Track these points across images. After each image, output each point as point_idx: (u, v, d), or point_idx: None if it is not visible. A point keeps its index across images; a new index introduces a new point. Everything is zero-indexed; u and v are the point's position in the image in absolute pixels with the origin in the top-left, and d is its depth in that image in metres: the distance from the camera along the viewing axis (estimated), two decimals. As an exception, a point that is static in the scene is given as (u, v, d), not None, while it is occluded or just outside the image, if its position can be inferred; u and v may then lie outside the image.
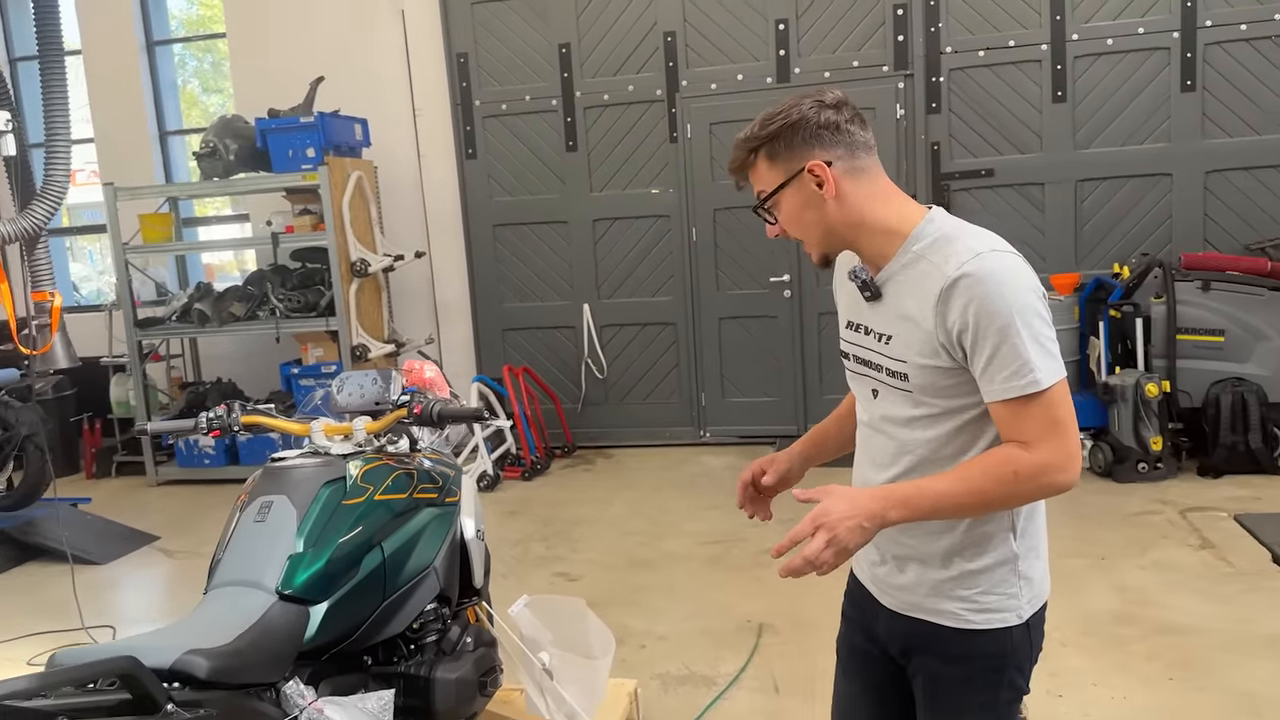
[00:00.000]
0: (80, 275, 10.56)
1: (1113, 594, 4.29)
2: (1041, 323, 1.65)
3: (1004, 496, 1.67)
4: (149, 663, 1.82)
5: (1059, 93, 6.52)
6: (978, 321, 1.62)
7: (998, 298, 1.61)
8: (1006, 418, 1.65)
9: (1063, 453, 1.63)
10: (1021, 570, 1.78)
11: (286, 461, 2.57)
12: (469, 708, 2.60)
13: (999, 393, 1.64)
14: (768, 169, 1.76)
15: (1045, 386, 1.62)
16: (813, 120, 1.72)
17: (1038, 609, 1.83)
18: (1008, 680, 1.81)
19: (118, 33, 8.06)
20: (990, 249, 1.67)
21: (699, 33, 6.99)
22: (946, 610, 1.79)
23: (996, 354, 1.62)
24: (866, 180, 1.75)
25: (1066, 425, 1.64)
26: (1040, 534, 1.84)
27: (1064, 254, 6.64)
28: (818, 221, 1.75)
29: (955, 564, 1.77)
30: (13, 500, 5.86)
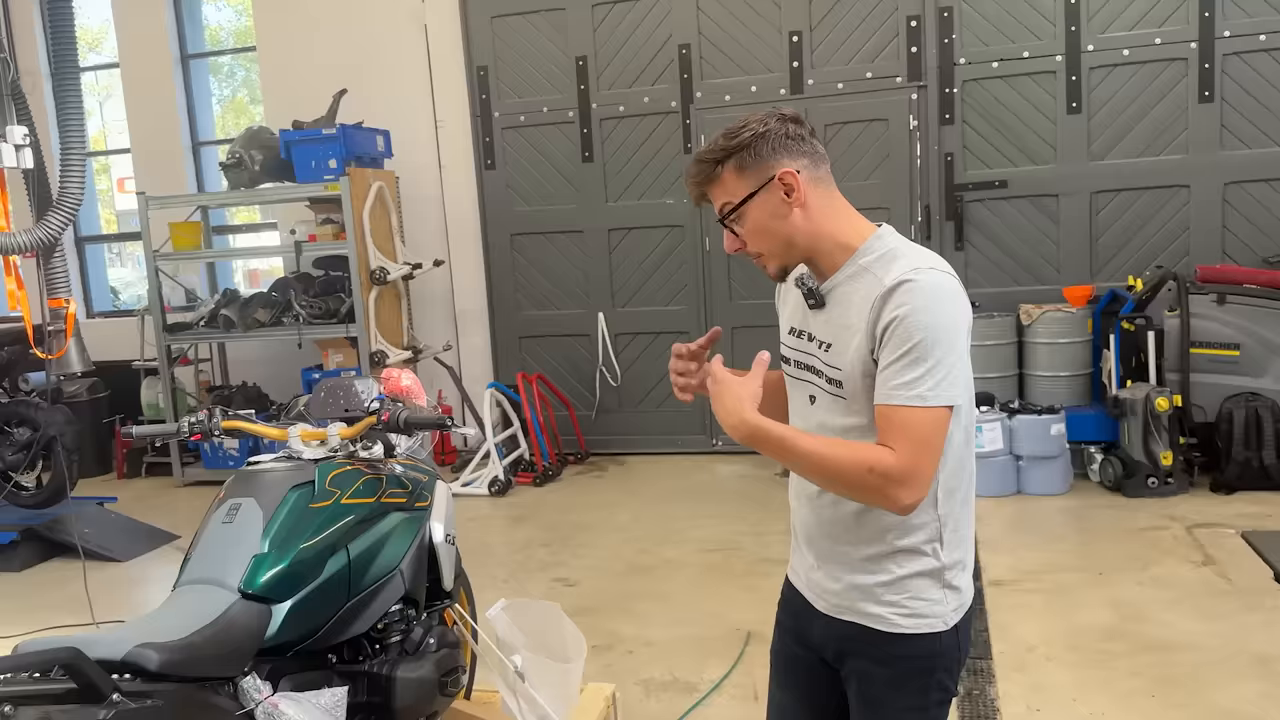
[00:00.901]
0: (125, 280, 10.83)
1: (1106, 609, 4.27)
2: (955, 352, 1.69)
3: (850, 484, 1.71)
4: (100, 655, 1.92)
5: (1074, 104, 6.49)
6: (899, 325, 1.67)
7: (926, 311, 1.67)
8: (884, 419, 1.70)
9: (915, 471, 1.67)
10: (948, 580, 1.84)
11: (259, 465, 2.67)
12: (429, 706, 2.67)
13: (886, 395, 1.69)
14: (736, 180, 1.79)
15: (929, 405, 1.66)
16: (779, 131, 1.78)
17: (964, 615, 1.88)
18: (936, 682, 1.86)
19: (153, 47, 8.32)
20: (931, 267, 1.73)
21: (714, 45, 7.06)
22: (876, 614, 1.85)
23: (901, 359, 1.67)
24: (826, 192, 1.82)
25: (930, 449, 1.68)
26: (967, 547, 1.88)
27: (1078, 266, 6.60)
28: (781, 231, 1.80)
29: (885, 570, 1.83)
30: (40, 498, 6.07)
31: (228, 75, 11.47)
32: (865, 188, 6.84)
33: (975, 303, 6.45)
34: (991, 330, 6.41)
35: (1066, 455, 5.92)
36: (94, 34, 9.84)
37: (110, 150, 9.80)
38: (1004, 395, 6.21)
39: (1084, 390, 6.33)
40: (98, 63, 9.59)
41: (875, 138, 6.83)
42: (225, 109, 11.12)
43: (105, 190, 10.46)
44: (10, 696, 1.69)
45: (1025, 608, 4.34)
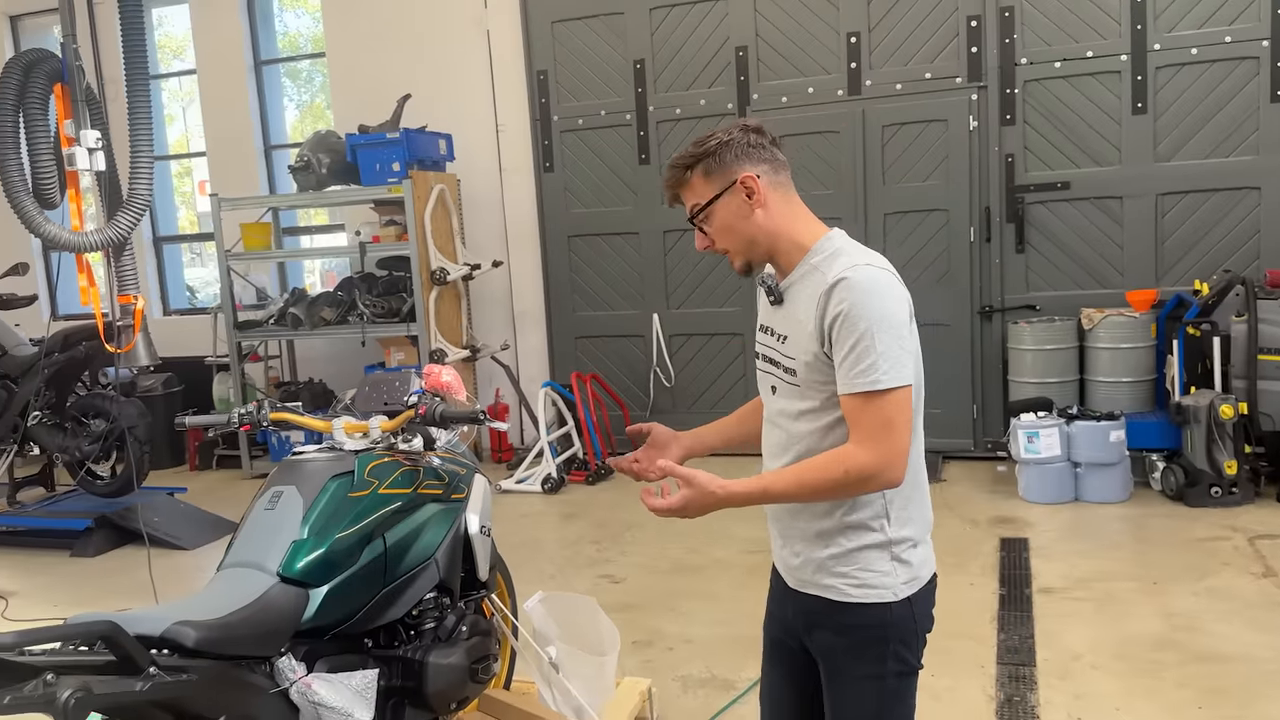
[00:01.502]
0: (204, 280, 11.19)
1: (1158, 619, 4.18)
2: (896, 334, 1.85)
3: (836, 490, 1.89)
4: (140, 630, 2.03)
5: (1139, 104, 6.34)
6: (844, 320, 1.84)
7: (863, 304, 1.83)
8: (849, 410, 1.88)
9: (888, 455, 1.84)
10: (896, 553, 1.98)
11: (302, 455, 2.78)
12: (460, 692, 2.75)
13: (847, 385, 1.86)
14: (703, 183, 1.98)
15: (885, 387, 1.83)
16: (741, 140, 1.97)
17: (918, 590, 2.01)
18: (892, 652, 1.98)
19: (228, 53, 8.61)
20: (867, 263, 1.90)
21: (771, 47, 7.06)
22: (830, 585, 2.00)
23: (852, 351, 1.84)
24: (785, 195, 2.00)
25: (896, 428, 1.85)
26: (916, 523, 2.02)
27: (1143, 270, 6.45)
28: (745, 230, 1.98)
29: (836, 543, 1.99)
30: (113, 487, 6.35)
31: (306, 81, 11.78)
32: (924, 189, 6.78)
33: (1035, 306, 6.42)
34: (1052, 335, 6.31)
35: (1126, 463, 5.79)
36: (178, 42, 10.20)
37: (191, 154, 10.16)
38: (1063, 401, 6.10)
39: (1146, 397, 6.19)
40: (181, 69, 9.96)
41: (934, 139, 6.77)
42: (303, 114, 11.42)
43: (188, 193, 10.84)
44: (53, 665, 1.79)
45: (1074, 615, 4.27)
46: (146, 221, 9.17)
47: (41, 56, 4.15)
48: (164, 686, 1.98)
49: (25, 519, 6.37)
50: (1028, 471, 5.88)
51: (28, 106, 4.06)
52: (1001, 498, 6.00)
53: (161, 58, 9.99)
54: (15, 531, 6.26)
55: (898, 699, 2.02)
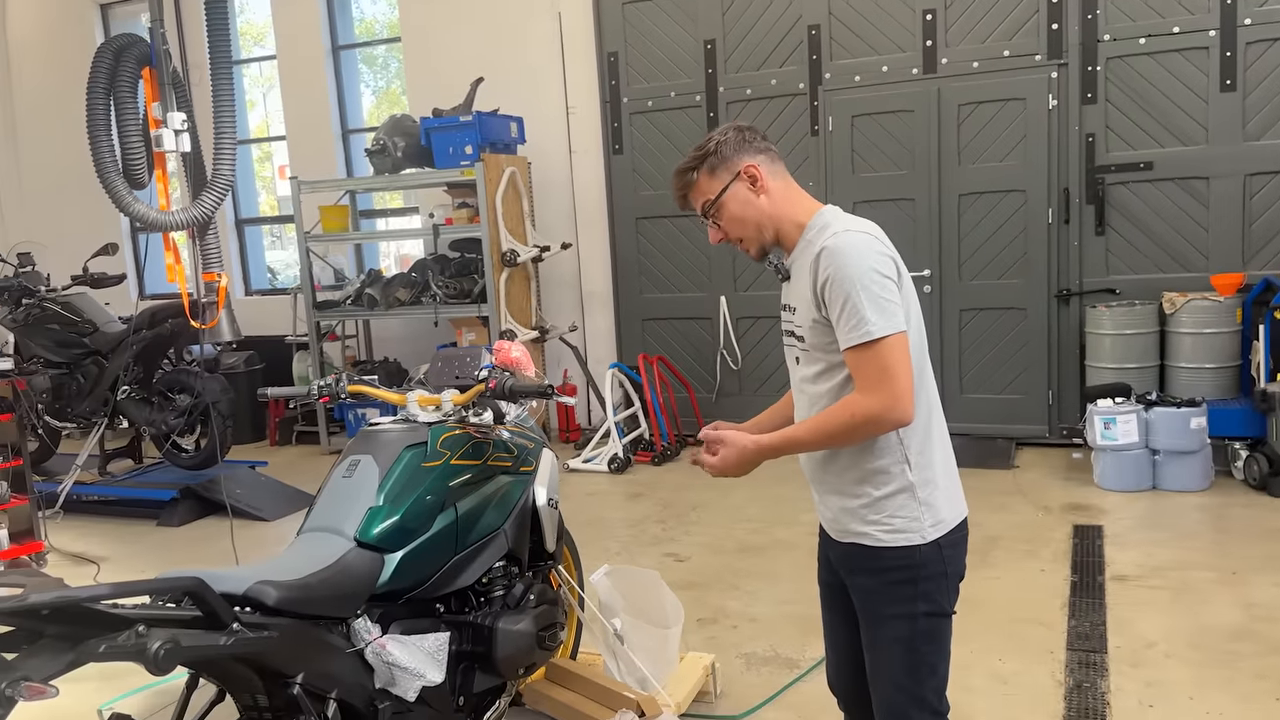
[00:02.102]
0: (285, 262, 11.46)
1: (1236, 609, 4.07)
2: (880, 287, 2.01)
3: (847, 434, 2.05)
4: (224, 588, 2.12)
5: (1228, 81, 6.13)
6: (831, 284, 2.03)
7: (844, 266, 2.01)
8: (850, 363, 2.05)
9: (891, 396, 1.99)
10: (921, 497, 2.12)
11: (378, 426, 2.87)
12: (528, 658, 2.82)
13: (845, 341, 2.03)
14: (709, 180, 2.20)
15: (876, 337, 1.98)
16: (736, 138, 2.21)
17: (946, 532, 2.14)
18: (921, 593, 2.12)
19: (306, 39, 8.81)
20: (845, 229, 2.08)
21: (844, 25, 6.98)
22: (863, 532, 2.15)
23: (843, 310, 2.01)
24: (784, 182, 2.21)
25: (895, 372, 1.99)
26: (937, 467, 2.16)
27: (1229, 252, 6.24)
28: (753, 216, 2.19)
29: (863, 492, 2.14)
30: (197, 460, 6.59)
31: (381, 67, 11.96)
32: (1001, 169, 6.65)
33: (1115, 290, 6.26)
34: (1132, 319, 6.15)
35: (1207, 450, 5.64)
36: (258, 28, 10.46)
37: (272, 137, 10.42)
38: (1142, 387, 5.95)
39: (1230, 383, 6.00)
40: (261, 55, 10.21)
41: (1012, 118, 6.63)
42: (379, 99, 11.61)
43: (268, 178, 11.12)
44: (144, 618, 1.89)
45: (1148, 604, 4.18)
46: (229, 205, 9.45)
47: (131, 41, 4.30)
48: (246, 642, 2.08)
49: (115, 489, 6.65)
50: (1104, 458, 5.76)
51: (118, 90, 4.21)
52: (1076, 485, 5.88)
53: (243, 44, 10.25)
54: (106, 501, 6.54)
55: (928, 639, 2.14)
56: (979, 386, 6.91)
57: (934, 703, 2.18)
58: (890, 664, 2.16)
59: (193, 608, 2.02)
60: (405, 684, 2.43)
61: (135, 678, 3.58)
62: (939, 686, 2.19)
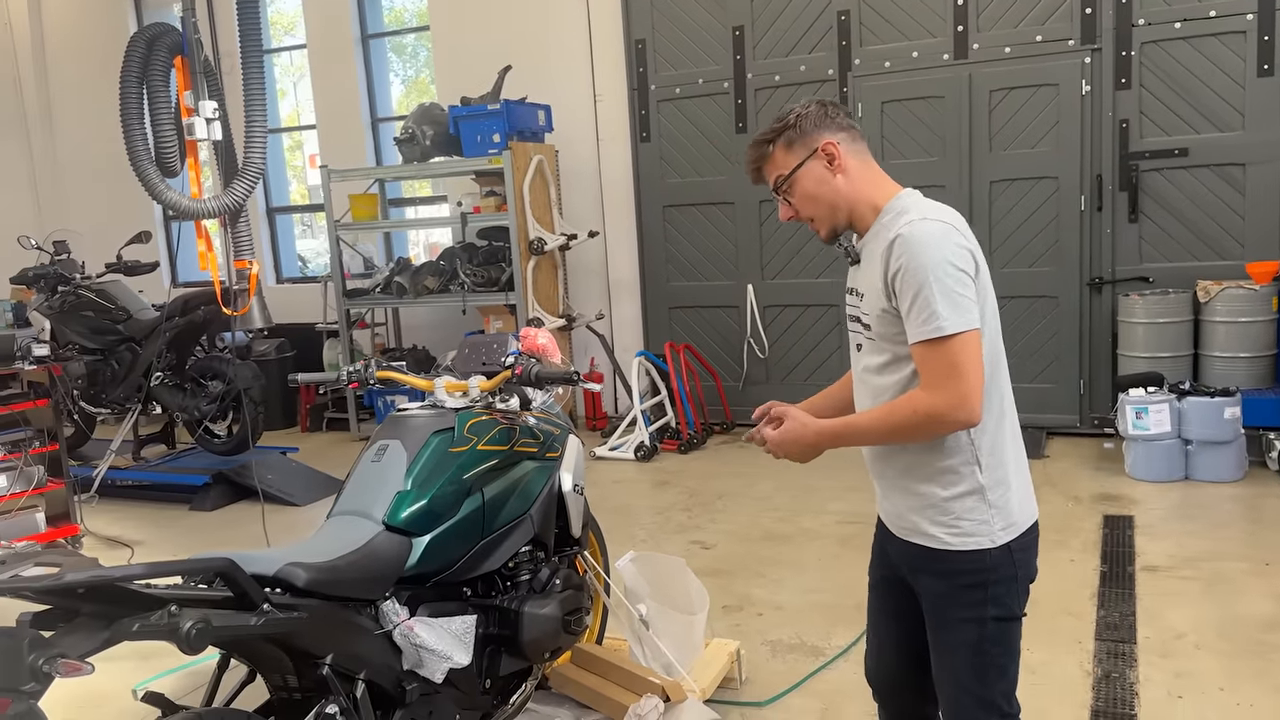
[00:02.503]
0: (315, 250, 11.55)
1: (1268, 600, 4.03)
2: (955, 281, 1.91)
3: (910, 430, 1.98)
4: (255, 570, 2.15)
5: (1265, 66, 6.02)
6: (903, 275, 1.93)
7: (918, 256, 1.92)
8: (918, 358, 1.96)
9: (957, 395, 1.90)
10: (991, 500, 2.04)
11: (406, 411, 2.89)
12: (553, 642, 2.84)
13: (914, 335, 1.94)
14: (785, 154, 2.10)
15: (949, 333, 1.90)
16: (819, 112, 2.10)
17: (1017, 535, 2.06)
18: (991, 597, 2.05)
19: (336, 28, 8.86)
20: (923, 217, 1.97)
21: (874, 10, 6.92)
22: (930, 533, 2.08)
23: (915, 303, 1.92)
24: (863, 161, 2.10)
25: (964, 370, 1.91)
26: (1009, 467, 2.08)
27: (1266, 240, 6.14)
28: (827, 196, 2.08)
29: (930, 492, 2.06)
30: (229, 446, 6.67)
31: (411, 55, 12.01)
32: (1033, 156, 6.58)
33: (1149, 278, 6.18)
34: (1165, 307, 6.08)
35: (1241, 441, 5.56)
36: (289, 18, 10.53)
37: (302, 126, 10.49)
38: (1175, 376, 5.88)
39: (1266, 373, 5.92)
40: (292, 44, 10.28)
41: (1044, 104, 6.55)
42: (409, 88, 11.65)
43: (299, 166, 11.21)
44: (176, 598, 1.92)
45: (1179, 595, 4.14)
46: (260, 193, 9.53)
47: (163, 30, 4.35)
48: (276, 622, 2.11)
49: (148, 474, 6.76)
50: (1135, 448, 5.70)
51: (150, 79, 4.26)
52: (1107, 475, 5.83)
53: (273, 34, 10.32)
54: (140, 485, 6.65)
55: (998, 643, 2.07)
56: (1010, 375, 6.82)
57: (1003, 705, 2.11)
58: (958, 667, 2.10)
59: (224, 588, 2.06)
60: (432, 666, 2.46)
61: (169, 658, 3.65)
62: (1008, 689, 2.12)
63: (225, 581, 2.04)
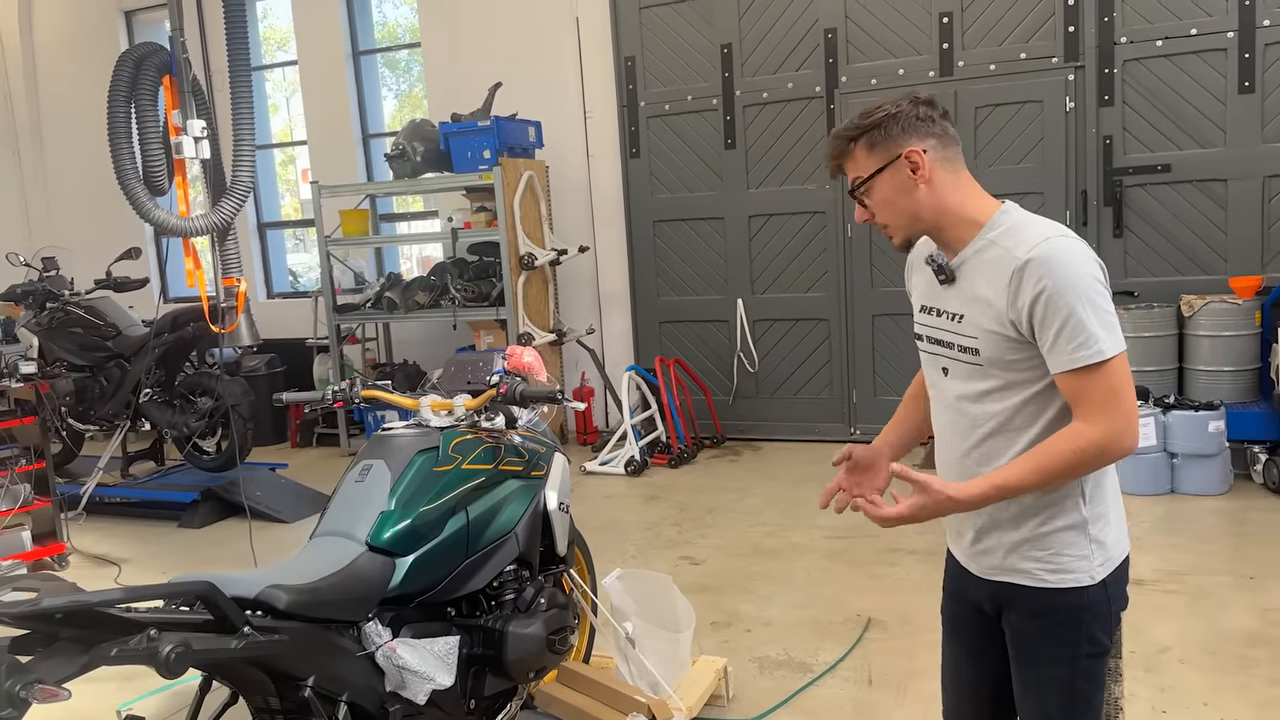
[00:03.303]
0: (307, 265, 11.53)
1: (1252, 615, 4.05)
2: (1104, 300, 1.80)
3: (1073, 470, 1.83)
4: (236, 592, 2.16)
5: (1246, 83, 6.08)
6: (1047, 300, 1.78)
7: (1064, 277, 1.78)
8: (1072, 387, 1.81)
9: (1121, 422, 1.79)
10: (1092, 534, 1.93)
11: (391, 431, 2.90)
12: (538, 661, 2.84)
13: (1065, 364, 1.79)
14: (866, 156, 1.93)
15: (1108, 357, 1.77)
16: (910, 113, 1.92)
17: (1113, 570, 1.95)
18: (1085, 635, 1.94)
19: (327, 44, 8.89)
20: (1059, 234, 1.84)
21: (860, 28, 6.98)
22: (1024, 570, 1.96)
23: (1064, 328, 1.78)
24: (953, 171, 1.94)
25: (1124, 394, 1.80)
26: (1109, 500, 1.97)
27: (1248, 255, 6.20)
28: (908, 206, 1.93)
29: (1028, 526, 1.94)
30: (218, 462, 6.67)
31: (405, 71, 12.05)
32: (1018, 172, 6.63)
33: (1133, 292, 6.22)
34: (1150, 321, 6.11)
35: (1226, 454, 5.60)
36: (281, 34, 10.55)
37: (294, 142, 10.51)
38: (1160, 390, 5.92)
39: (1250, 386, 5.95)
40: (284, 60, 10.29)
41: (1029, 120, 6.60)
42: (402, 103, 11.68)
43: (291, 181, 11.22)
44: (155, 622, 1.93)
45: (1164, 608, 4.16)
46: (250, 208, 9.55)
47: (151, 50, 4.38)
48: (257, 645, 2.11)
49: (137, 491, 6.74)
50: (1121, 462, 5.70)
51: (139, 98, 4.28)
52: (1093, 488, 5.84)
53: (266, 49, 10.35)
54: (127, 503, 6.63)
55: (1090, 679, 1.98)
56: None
57: None
58: (1048, 705, 1.99)
59: (204, 611, 2.06)
60: (415, 687, 2.46)
61: (153, 680, 3.62)
62: None
63: (205, 605, 2.04)
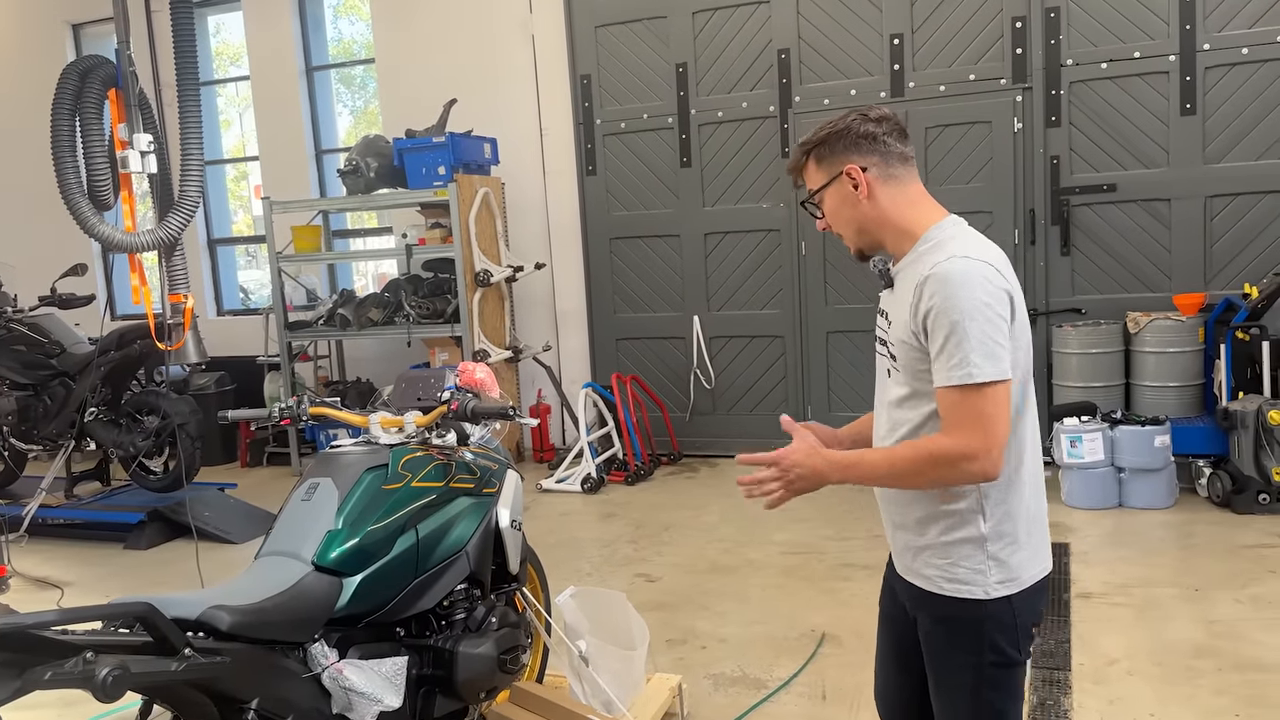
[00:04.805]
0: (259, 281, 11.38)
1: (1197, 626, 4.11)
2: (990, 326, 1.82)
3: (920, 474, 1.88)
4: (176, 613, 2.11)
5: (1188, 105, 6.24)
6: (935, 315, 1.85)
7: (952, 297, 1.83)
8: (943, 402, 1.86)
9: (978, 444, 1.80)
10: (991, 551, 1.96)
11: (338, 448, 2.86)
12: (489, 682, 2.81)
13: (942, 379, 1.85)
14: (815, 170, 2.05)
15: (979, 381, 1.80)
16: (855, 130, 2.00)
17: (1017, 591, 1.97)
18: (988, 644, 1.97)
19: (280, 60, 8.82)
20: (963, 255, 1.88)
21: (813, 49, 7.06)
22: (927, 575, 2.02)
23: (945, 345, 1.83)
24: (898, 186, 2.01)
25: (990, 420, 1.81)
26: (1019, 523, 1.97)
27: (1191, 273, 6.34)
28: (852, 217, 2.03)
29: (930, 533, 2.00)
30: (165, 482, 6.53)
31: (360, 87, 11.97)
32: (968, 191, 6.73)
33: (1081, 309, 6.33)
34: (1097, 338, 6.22)
35: (1172, 468, 5.70)
36: (234, 49, 10.45)
37: (246, 158, 10.39)
38: (1108, 405, 6.02)
39: (1194, 401, 6.08)
40: (237, 75, 10.19)
41: (978, 141, 6.72)
42: (358, 119, 11.60)
43: (244, 197, 11.08)
44: (92, 644, 1.87)
45: (1112, 621, 4.22)
46: (200, 224, 9.41)
47: (97, 63, 4.31)
48: (199, 667, 2.06)
49: (81, 512, 6.58)
50: (1070, 476, 5.81)
51: (83, 111, 4.21)
52: (1043, 503, 5.92)
53: (219, 64, 10.25)
54: (71, 524, 6.47)
55: (996, 688, 1.99)
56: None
57: None
58: (955, 708, 2.04)
59: (144, 633, 2.01)
60: (362, 709, 2.42)
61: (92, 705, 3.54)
62: None
63: (145, 626, 1.99)
